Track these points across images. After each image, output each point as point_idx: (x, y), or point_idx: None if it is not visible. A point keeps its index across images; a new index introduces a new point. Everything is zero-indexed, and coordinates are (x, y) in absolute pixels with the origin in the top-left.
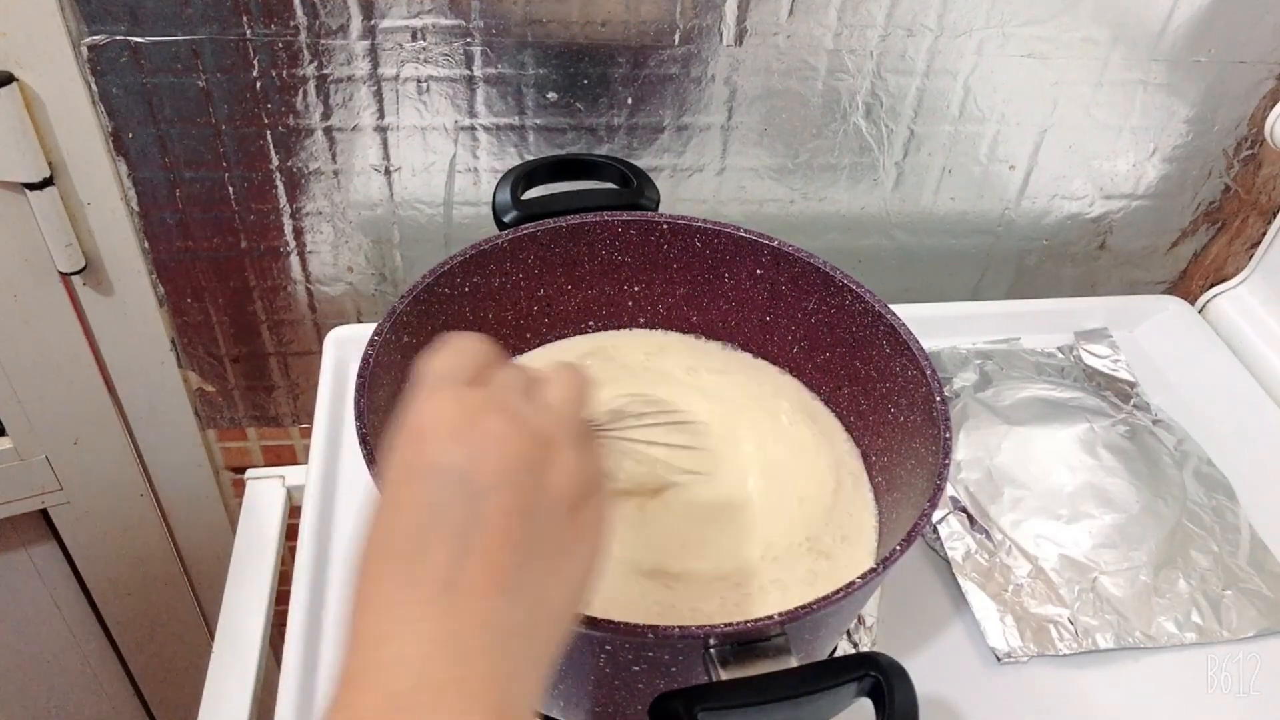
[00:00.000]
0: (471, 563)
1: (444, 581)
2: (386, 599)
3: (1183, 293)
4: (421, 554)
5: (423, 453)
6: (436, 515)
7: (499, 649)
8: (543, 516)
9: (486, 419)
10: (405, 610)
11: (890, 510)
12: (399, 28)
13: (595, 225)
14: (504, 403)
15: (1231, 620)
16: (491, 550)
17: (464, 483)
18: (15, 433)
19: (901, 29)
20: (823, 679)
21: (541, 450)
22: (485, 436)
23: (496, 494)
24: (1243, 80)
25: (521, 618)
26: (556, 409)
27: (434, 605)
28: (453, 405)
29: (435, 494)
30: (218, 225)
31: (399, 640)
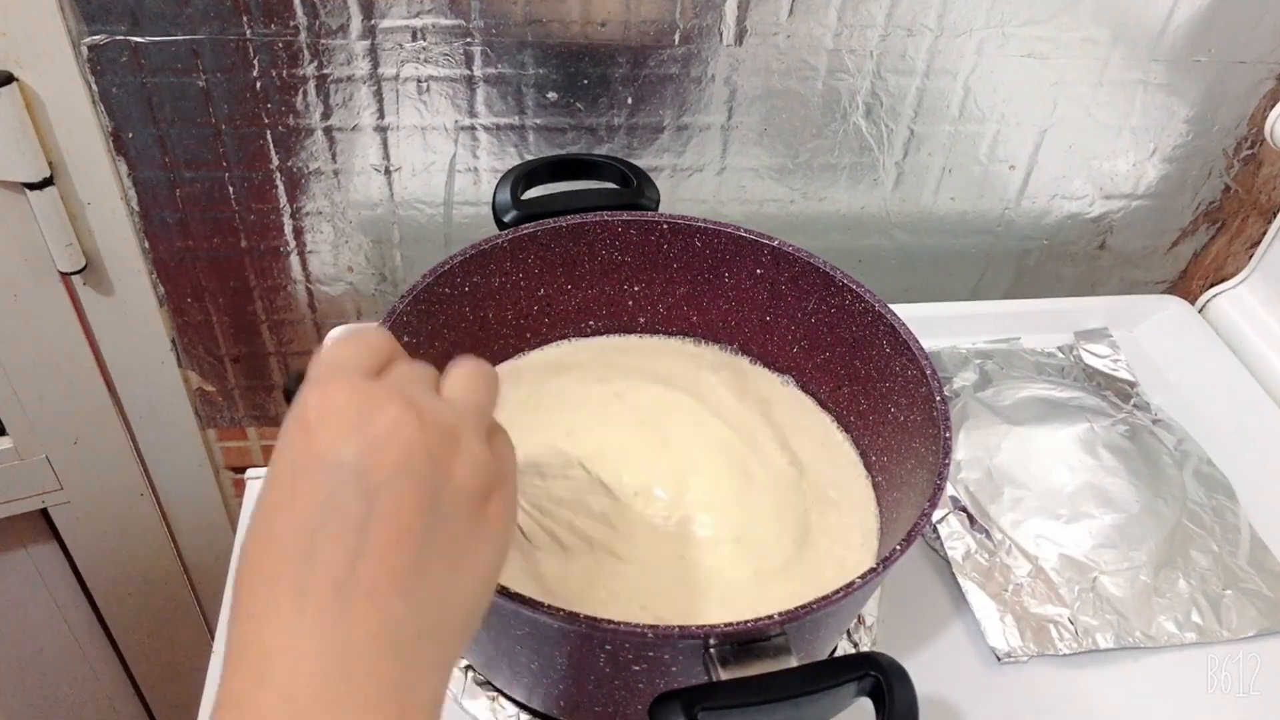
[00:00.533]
0: (366, 564)
1: (336, 586)
2: (273, 608)
3: (1183, 293)
4: (311, 557)
5: (312, 446)
6: (327, 513)
7: (397, 656)
8: (445, 512)
9: (383, 409)
10: (294, 620)
11: (890, 510)
12: (399, 28)
13: (595, 225)
14: (403, 392)
15: (1231, 620)
16: (387, 550)
17: (358, 478)
18: (15, 433)
19: (901, 29)
20: (823, 679)
21: (444, 442)
22: (381, 427)
23: (393, 489)
24: (1243, 80)
25: (421, 620)
26: (460, 400)
27: (325, 613)
28: (346, 395)
29: (326, 490)
30: (218, 225)
31: (287, 655)
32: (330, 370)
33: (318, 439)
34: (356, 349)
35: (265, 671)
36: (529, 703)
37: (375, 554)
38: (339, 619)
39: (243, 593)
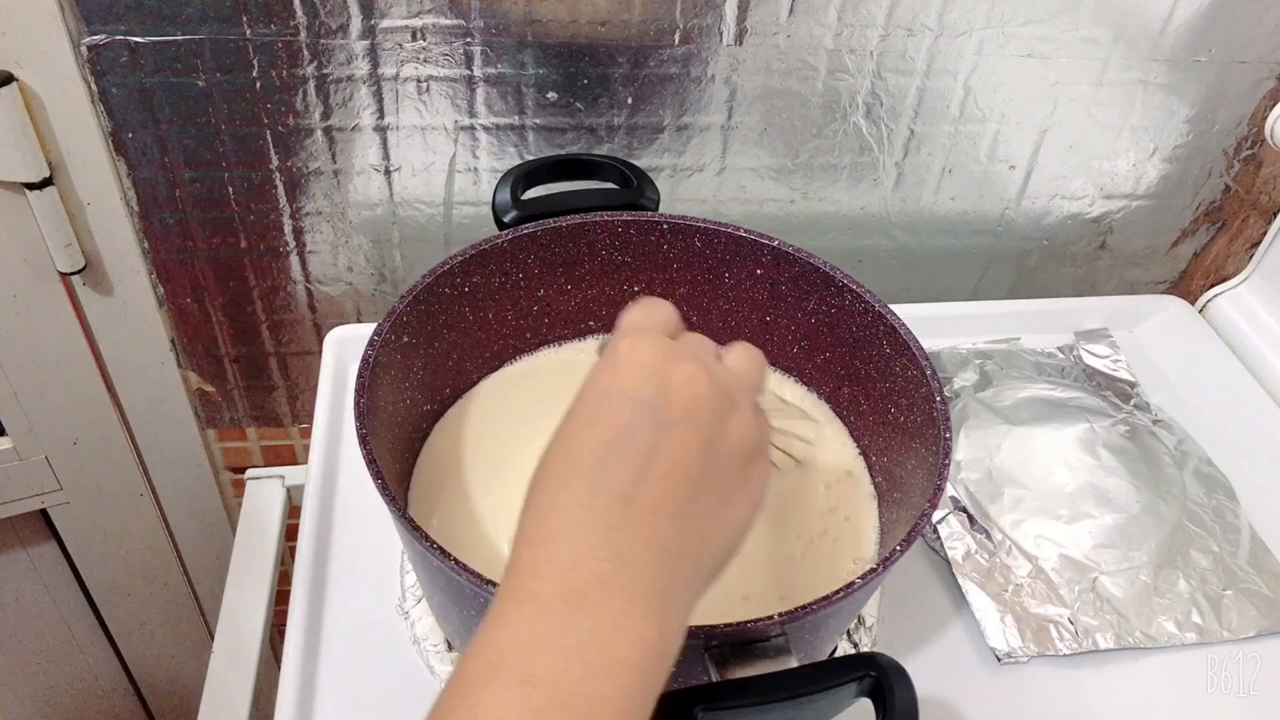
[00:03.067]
0: (649, 485)
1: (621, 496)
2: (567, 503)
3: (1183, 293)
4: (604, 469)
5: (619, 381)
6: (625, 436)
7: (663, 566)
8: (718, 460)
9: (681, 364)
10: (582, 515)
11: (890, 510)
12: (399, 28)
13: (595, 225)
14: (696, 354)
15: (1231, 620)
16: (668, 478)
17: (654, 413)
18: (15, 433)
19: (901, 29)
20: (823, 679)
21: (725, 402)
22: (678, 378)
23: (681, 429)
24: (1243, 80)
25: (685, 545)
26: (740, 371)
27: (610, 516)
28: (651, 347)
29: (627, 417)
30: (217, 225)
31: (575, 541)
32: (638, 327)
33: (624, 376)
34: (657, 314)
35: (553, 551)
36: None
37: (658, 478)
38: (620, 523)
39: (539, 487)
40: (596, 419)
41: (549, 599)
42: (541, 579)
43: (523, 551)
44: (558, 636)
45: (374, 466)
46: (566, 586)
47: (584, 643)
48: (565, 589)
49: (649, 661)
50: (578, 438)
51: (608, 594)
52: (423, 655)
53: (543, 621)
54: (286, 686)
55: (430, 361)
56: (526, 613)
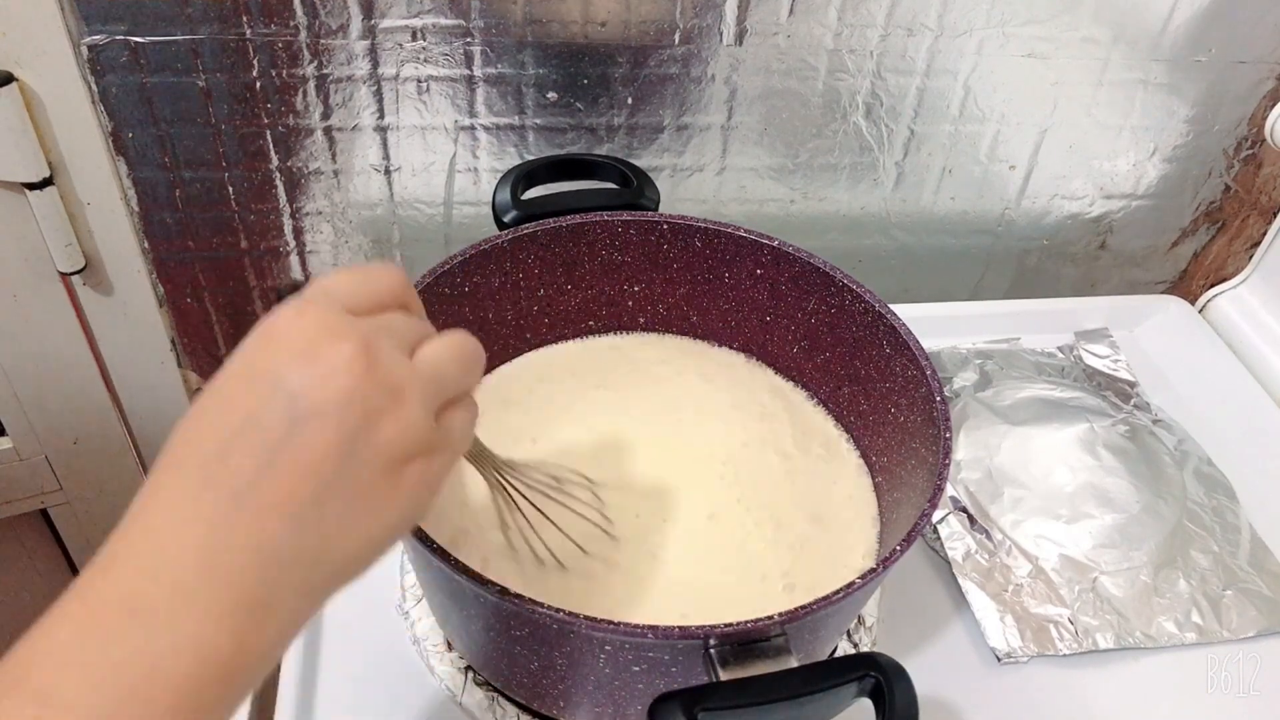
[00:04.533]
0: (267, 483)
1: (235, 493)
2: (171, 493)
3: (1183, 293)
4: (224, 459)
5: (263, 359)
6: (250, 424)
7: (261, 576)
8: (359, 460)
9: (340, 346)
10: (185, 509)
11: (890, 510)
12: (399, 27)
13: (595, 225)
14: (368, 339)
15: (1231, 620)
16: (291, 477)
17: (289, 402)
18: (15, 433)
19: (901, 29)
20: (823, 679)
21: (383, 397)
22: (329, 363)
23: (317, 424)
24: (1243, 80)
25: (299, 552)
26: (424, 366)
27: (216, 512)
28: (314, 322)
29: (257, 403)
30: (217, 225)
31: (167, 537)
32: (317, 294)
33: (269, 353)
34: (354, 283)
35: (141, 545)
36: (529, 703)
37: (279, 476)
38: (224, 522)
39: (157, 468)
40: (229, 399)
41: (111, 605)
42: (114, 578)
43: (113, 537)
44: (97, 651)
45: None
46: (134, 588)
47: (128, 659)
48: (131, 595)
49: (210, 682)
50: (206, 417)
51: (180, 603)
52: (423, 655)
53: (90, 631)
54: (286, 686)
55: None
56: (82, 619)
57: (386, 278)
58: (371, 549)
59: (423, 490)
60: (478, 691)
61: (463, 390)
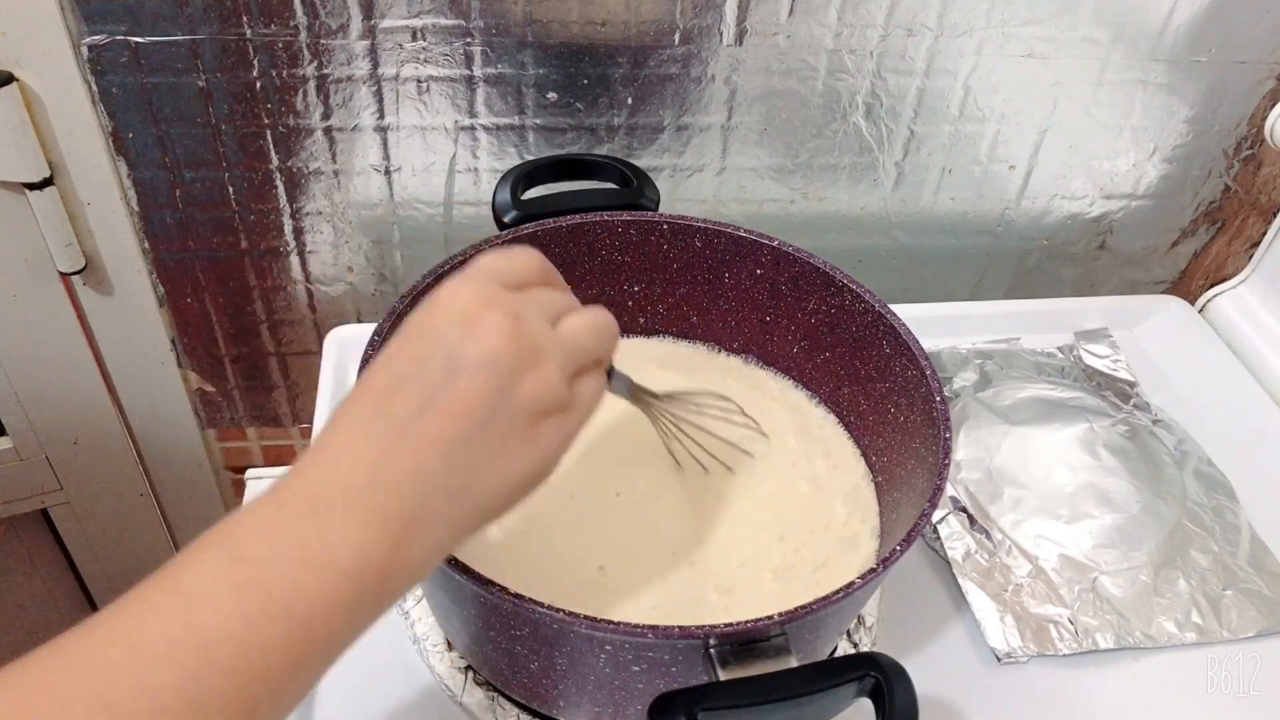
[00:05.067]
0: (427, 419)
1: (400, 424)
2: (351, 419)
3: (1183, 293)
4: (392, 397)
5: (430, 319)
6: (418, 371)
7: (417, 496)
8: (503, 409)
9: (493, 314)
10: (359, 432)
11: (890, 510)
12: (399, 28)
13: (595, 225)
14: (517, 309)
15: (1231, 620)
16: (446, 418)
17: (450, 356)
18: (15, 433)
19: (901, 29)
20: (823, 679)
21: (527, 358)
22: (485, 326)
23: (471, 374)
24: (1243, 80)
25: (450, 481)
26: (565, 334)
27: (384, 439)
28: (473, 294)
29: (425, 354)
30: (217, 225)
31: (344, 453)
32: (475, 270)
33: (436, 316)
34: (506, 263)
35: (322, 457)
36: (529, 703)
37: (436, 415)
38: (390, 446)
39: (340, 405)
40: (401, 351)
41: (296, 496)
42: (299, 478)
43: (302, 458)
44: (285, 527)
45: None
46: (316, 489)
47: (307, 539)
48: (313, 491)
49: (369, 577)
50: (382, 365)
51: (350, 504)
52: (423, 655)
53: (280, 514)
54: None
55: None
56: (274, 506)
57: (531, 258)
58: (510, 490)
59: (555, 443)
60: (478, 691)
61: (597, 358)
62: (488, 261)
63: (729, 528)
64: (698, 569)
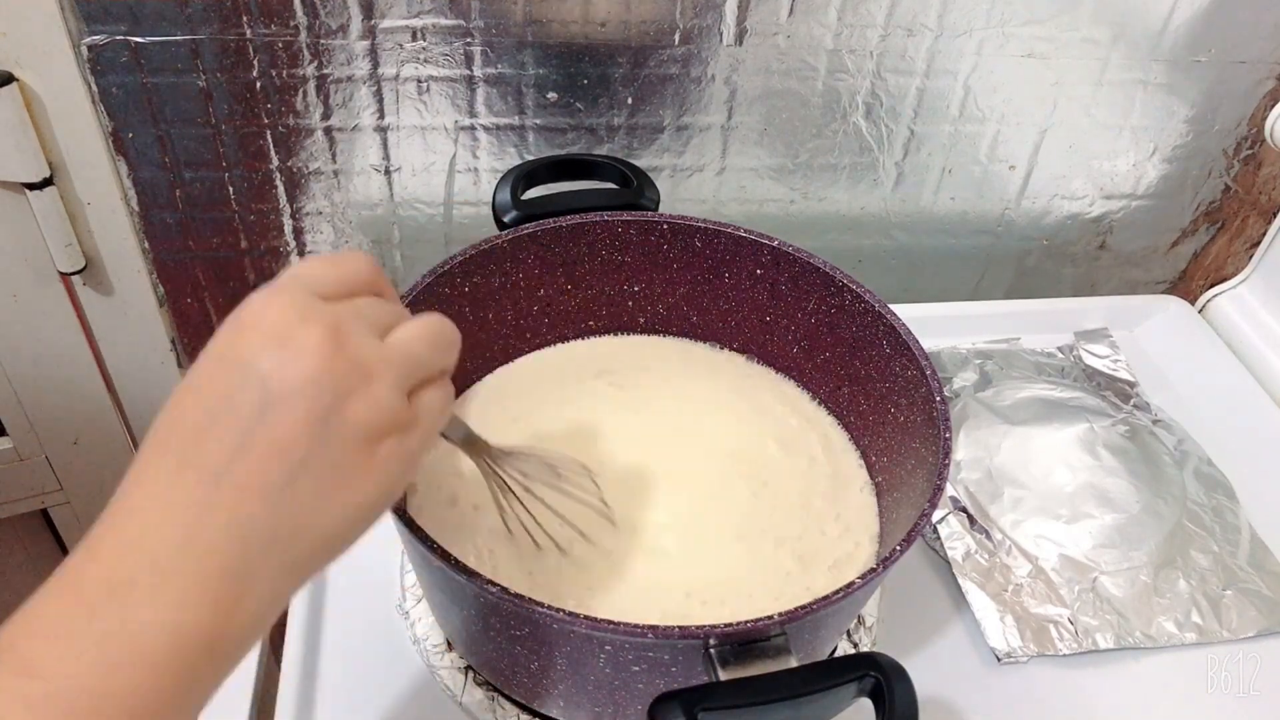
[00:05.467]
0: (242, 462)
1: (210, 472)
2: (154, 475)
3: (1183, 293)
4: (200, 441)
5: (236, 344)
6: (226, 407)
7: (240, 552)
8: (330, 439)
9: (310, 329)
10: (163, 490)
11: (890, 510)
12: (399, 28)
13: (595, 225)
14: (338, 321)
15: (1231, 620)
16: (265, 456)
17: (261, 384)
18: (15, 433)
19: (901, 29)
20: (823, 679)
21: (354, 376)
22: (300, 345)
23: (290, 403)
24: (1243, 80)
25: (275, 530)
26: (396, 347)
27: (193, 493)
28: (285, 308)
29: (232, 386)
30: (218, 225)
31: (145, 517)
32: (288, 281)
33: (242, 339)
34: (325, 269)
35: (124, 525)
36: (529, 703)
37: (253, 455)
38: (201, 501)
39: (140, 454)
40: (205, 384)
41: (92, 583)
42: (96, 558)
43: (96, 525)
44: (81, 624)
45: None
46: (115, 569)
47: (108, 632)
48: (113, 572)
49: (190, 655)
50: (184, 403)
51: (159, 579)
52: (423, 655)
53: (73, 607)
54: (286, 686)
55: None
56: (63, 597)
57: (356, 263)
58: (349, 525)
59: (397, 467)
60: (478, 691)
61: (437, 370)
62: (302, 268)
63: (728, 529)
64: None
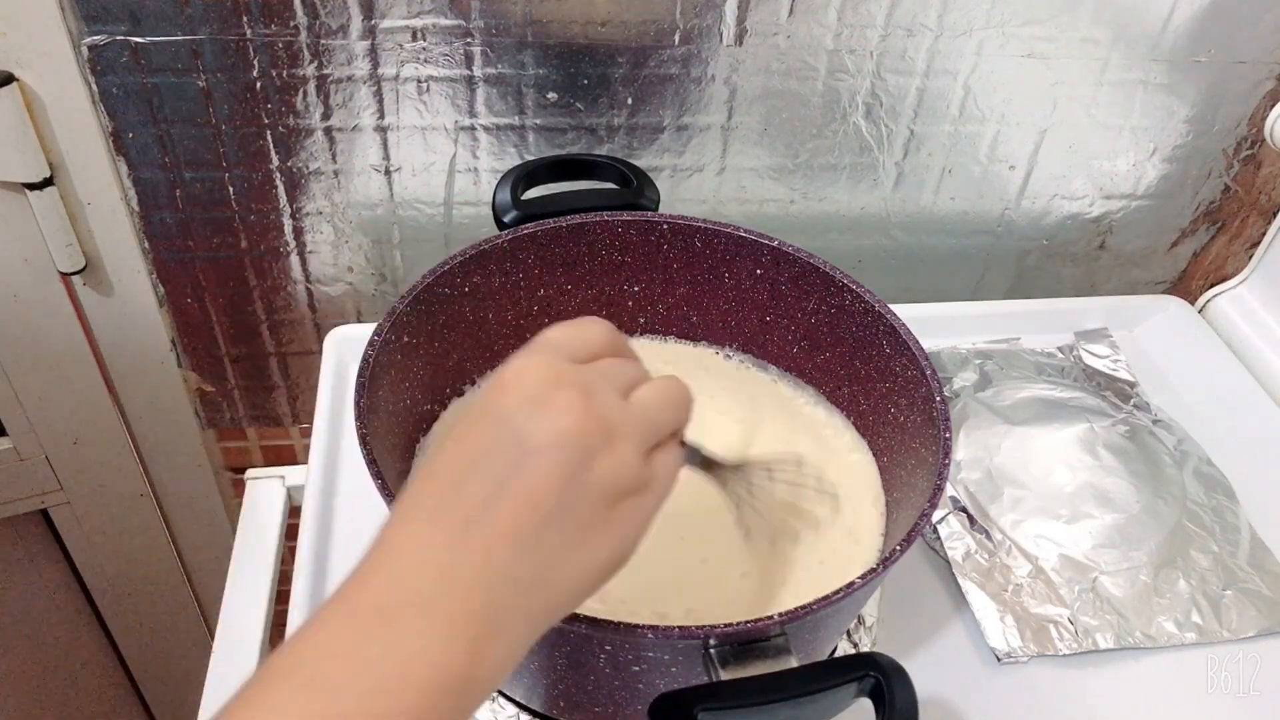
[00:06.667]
0: (495, 511)
1: (465, 518)
2: (414, 517)
3: (1183, 293)
4: (459, 489)
5: (498, 401)
6: (485, 458)
7: (491, 593)
8: (577, 494)
9: (563, 390)
10: (422, 531)
11: (890, 510)
12: (399, 28)
13: (595, 225)
14: (588, 384)
15: (1231, 620)
16: (517, 506)
17: (519, 439)
18: (15, 433)
19: (901, 29)
20: (823, 679)
21: (601, 436)
22: (554, 404)
23: (542, 457)
24: (1243, 80)
25: (521, 577)
26: (638, 408)
27: (450, 535)
28: (541, 370)
29: (491, 439)
30: (218, 225)
31: (409, 556)
32: (542, 345)
33: (502, 397)
34: (572, 334)
35: (387, 562)
36: (529, 703)
37: (506, 505)
38: (456, 544)
39: (404, 496)
40: (467, 436)
41: (365, 608)
42: (365, 588)
43: (365, 556)
44: (357, 646)
45: (374, 466)
46: (385, 598)
47: (380, 656)
48: (383, 601)
49: (449, 688)
50: (448, 453)
51: (422, 612)
52: None
53: (349, 630)
54: None
55: (430, 361)
56: (340, 619)
57: (599, 328)
58: (586, 580)
59: (634, 527)
60: None
61: (672, 430)
62: (554, 335)
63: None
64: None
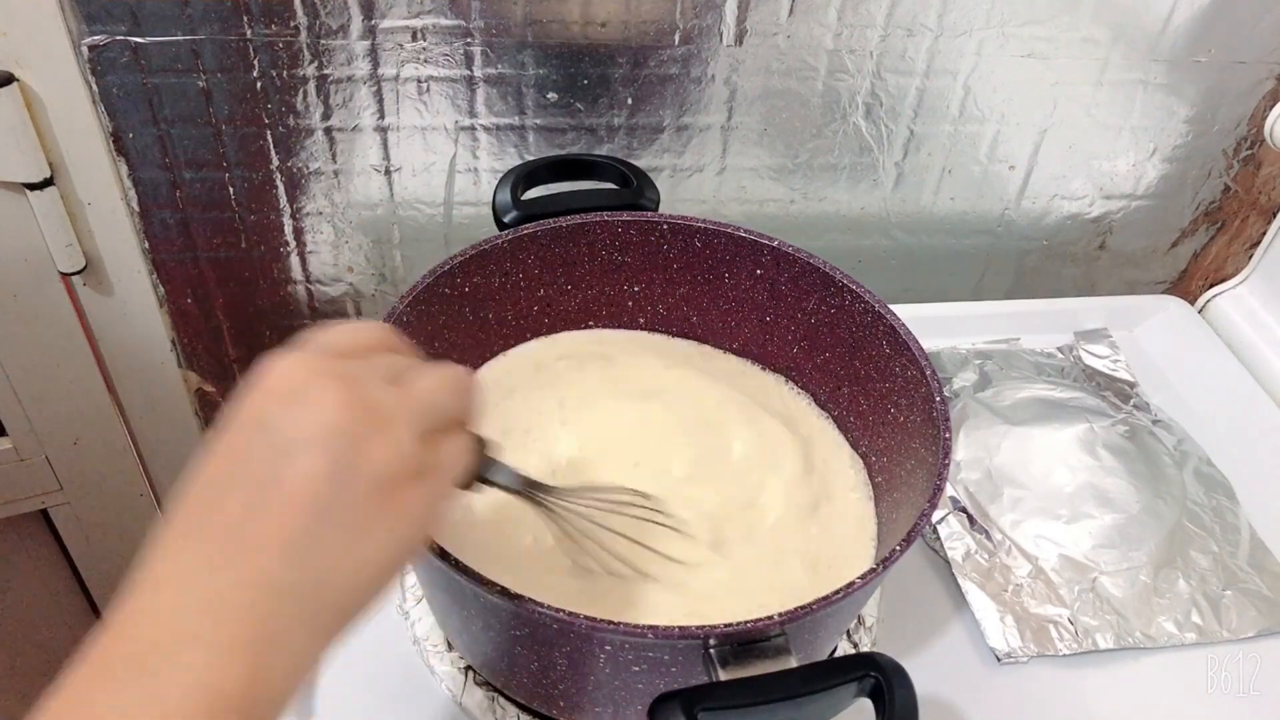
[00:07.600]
0: (258, 520)
1: (226, 533)
2: (172, 543)
3: (1183, 293)
4: (217, 504)
5: (250, 405)
6: (239, 467)
7: (265, 609)
8: (348, 486)
9: (322, 384)
10: (183, 557)
11: (890, 510)
12: (399, 28)
13: (595, 225)
14: (351, 375)
15: (1231, 620)
16: (281, 512)
17: (273, 441)
18: (15, 433)
19: (901, 29)
20: (823, 679)
21: (370, 424)
22: (311, 399)
23: (303, 455)
24: (1243, 80)
25: (298, 585)
26: (414, 395)
27: (213, 555)
28: (298, 368)
29: (244, 446)
30: (218, 225)
31: (170, 588)
32: (300, 343)
33: (256, 400)
34: (340, 333)
35: (145, 601)
36: (529, 703)
37: (269, 510)
38: (220, 564)
39: (161, 526)
40: (220, 448)
41: (116, 660)
42: (117, 635)
43: (122, 599)
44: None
45: None
46: (139, 638)
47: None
48: (137, 647)
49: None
50: (202, 470)
51: (186, 645)
52: (423, 655)
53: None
54: None
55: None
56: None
57: (370, 326)
58: (372, 577)
59: (417, 513)
60: (478, 691)
61: (456, 416)
62: (315, 334)
63: (728, 529)
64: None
